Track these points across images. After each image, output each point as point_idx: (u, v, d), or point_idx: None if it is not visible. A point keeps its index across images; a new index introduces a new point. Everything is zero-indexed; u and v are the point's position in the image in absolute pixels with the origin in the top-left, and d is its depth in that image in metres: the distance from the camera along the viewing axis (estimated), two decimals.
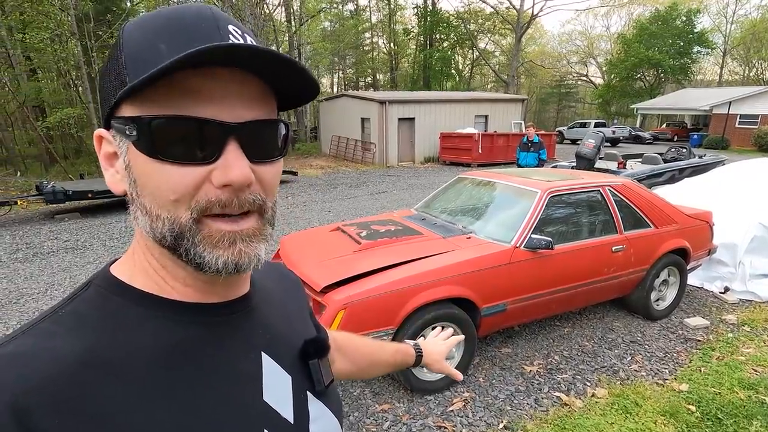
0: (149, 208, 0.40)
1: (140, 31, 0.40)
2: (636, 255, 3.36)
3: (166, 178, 0.39)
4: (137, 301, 0.43)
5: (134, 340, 0.40)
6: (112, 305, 0.42)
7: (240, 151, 0.40)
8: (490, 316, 2.81)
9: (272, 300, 0.55)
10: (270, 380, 0.47)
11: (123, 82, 0.38)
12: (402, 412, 2.57)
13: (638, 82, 37.19)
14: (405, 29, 37.14)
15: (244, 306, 0.49)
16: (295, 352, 0.53)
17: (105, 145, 0.43)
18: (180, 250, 0.41)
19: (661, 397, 2.65)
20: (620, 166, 7.90)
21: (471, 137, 15.40)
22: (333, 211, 8.30)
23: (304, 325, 0.60)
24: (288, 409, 0.48)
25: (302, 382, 0.51)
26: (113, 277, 0.45)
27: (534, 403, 2.66)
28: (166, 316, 0.43)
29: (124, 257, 0.47)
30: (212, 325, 0.45)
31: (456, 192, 3.92)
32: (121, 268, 0.46)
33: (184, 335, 0.43)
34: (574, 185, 3.29)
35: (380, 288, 2.49)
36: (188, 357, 0.42)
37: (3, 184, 11.00)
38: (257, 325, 0.50)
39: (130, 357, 0.39)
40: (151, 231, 0.41)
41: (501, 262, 2.81)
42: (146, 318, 0.42)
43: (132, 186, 0.41)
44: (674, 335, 3.46)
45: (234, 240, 0.41)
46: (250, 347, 0.47)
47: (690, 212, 3.81)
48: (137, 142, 0.39)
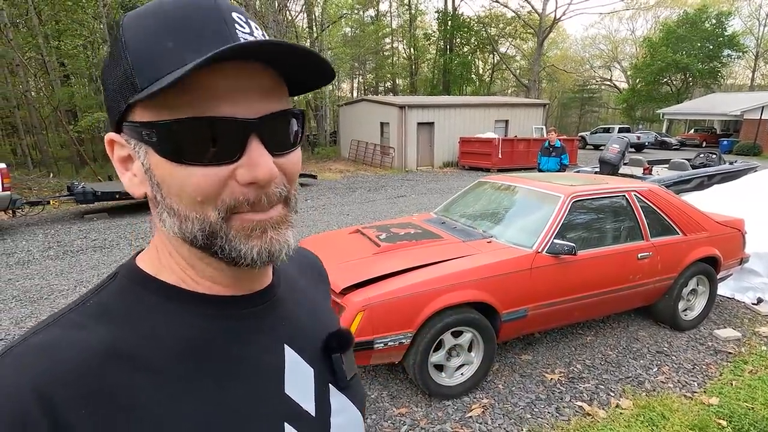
0: (177, 209, 0.40)
1: (142, 27, 0.38)
2: (663, 263, 3.26)
3: (190, 181, 0.38)
4: (163, 293, 0.43)
5: (159, 333, 0.41)
6: (137, 297, 0.42)
7: (262, 147, 0.39)
8: (510, 322, 2.77)
9: (296, 290, 0.55)
10: (292, 373, 0.47)
11: (133, 84, 0.37)
12: (420, 416, 2.55)
13: (665, 87, 36.26)
14: (425, 34, 37.19)
15: (269, 297, 0.49)
16: (318, 345, 0.52)
17: (118, 150, 0.42)
18: (214, 248, 0.41)
19: (690, 410, 2.56)
20: (646, 171, 7.68)
21: (491, 142, 15.27)
22: (351, 214, 8.33)
23: (328, 316, 0.59)
24: (310, 402, 0.48)
25: (325, 375, 0.51)
26: (140, 269, 0.45)
27: (555, 412, 2.60)
28: (191, 309, 0.43)
29: (149, 250, 0.47)
30: (237, 318, 0.45)
31: (476, 196, 3.89)
32: (147, 261, 0.46)
33: (208, 328, 0.43)
34: (599, 190, 3.22)
35: (399, 291, 2.48)
36: (212, 350, 0.42)
37: (37, 185, 11.46)
38: (281, 317, 0.49)
39: (154, 349, 0.40)
40: (181, 232, 0.41)
41: (522, 267, 2.77)
42: (171, 311, 0.42)
43: (156, 189, 0.41)
44: (703, 347, 3.33)
45: (265, 229, 0.41)
46: (274, 340, 0.47)
47: (721, 219, 3.68)
48: (158, 147, 0.38)
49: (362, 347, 2.41)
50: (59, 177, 13.35)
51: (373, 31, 34.06)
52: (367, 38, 33.05)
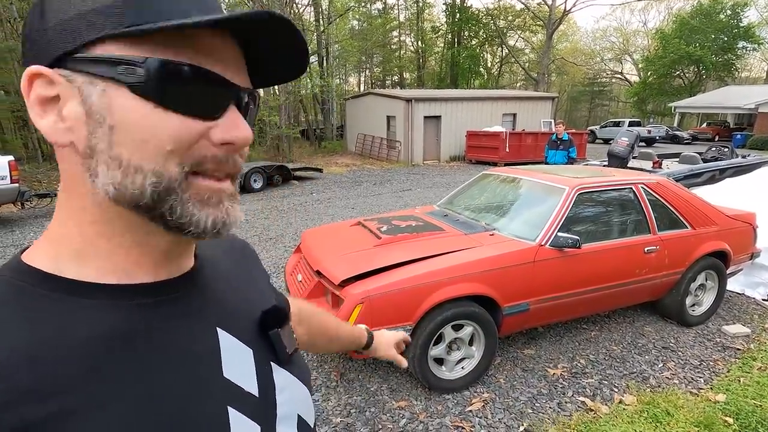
0: (127, 159, 0.36)
1: None
2: (670, 257, 3.19)
3: (166, 125, 0.36)
4: (63, 290, 0.38)
5: (67, 335, 0.35)
6: (29, 299, 0.37)
7: (240, 114, 0.40)
8: (512, 316, 2.73)
9: (222, 272, 0.52)
10: (229, 356, 0.45)
11: (118, 17, 0.34)
12: (419, 410, 2.53)
13: (677, 80, 35.61)
14: (433, 27, 36.86)
15: (192, 282, 0.46)
16: (254, 324, 0.50)
17: (42, 87, 0.36)
18: (163, 208, 0.37)
19: (696, 407, 2.50)
20: (655, 165, 7.55)
21: (498, 136, 15.12)
22: (356, 208, 8.31)
23: (261, 295, 0.57)
24: (252, 383, 0.46)
25: (265, 353, 0.50)
26: (27, 266, 0.39)
27: (557, 407, 2.56)
28: (102, 302, 0.38)
29: (39, 244, 0.41)
30: (156, 305, 0.41)
31: (480, 189, 3.83)
32: (37, 256, 0.40)
33: (125, 321, 0.39)
34: (605, 182, 3.15)
35: (399, 283, 2.45)
36: (134, 343, 0.38)
37: (46, 177, 11.59)
38: (208, 301, 0.47)
39: (64, 354, 0.35)
40: (120, 189, 0.36)
41: (525, 261, 2.72)
42: (78, 308, 0.37)
43: (100, 136, 0.36)
44: (711, 343, 3.26)
45: (221, 199, 0.40)
46: (204, 324, 0.45)
47: (731, 213, 3.59)
48: (138, 85, 0.35)
49: None
50: None
51: (380, 24, 33.83)
52: (375, 31, 32.84)
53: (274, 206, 8.51)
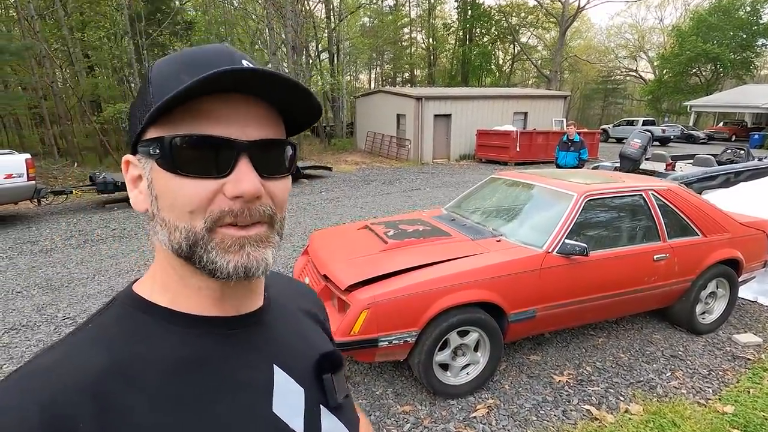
0: (168, 220, 0.44)
1: (167, 66, 0.44)
2: (680, 264, 3.16)
3: (184, 191, 0.42)
4: (156, 315, 0.46)
5: (152, 353, 0.43)
6: (132, 320, 0.46)
7: (250, 166, 0.43)
8: (518, 323, 2.73)
9: (287, 315, 0.57)
10: (281, 392, 0.49)
11: (149, 108, 0.42)
12: (424, 414, 2.55)
13: (693, 78, 34.91)
14: (445, 24, 36.62)
15: (258, 319, 0.51)
16: (309, 367, 0.54)
17: (131, 169, 0.48)
18: (195, 257, 0.44)
19: (703, 418, 2.48)
20: (668, 167, 7.44)
21: (509, 135, 15.03)
22: (365, 207, 8.33)
23: (321, 340, 0.61)
24: (299, 422, 0.49)
25: (316, 395, 0.52)
26: (135, 294, 0.48)
27: (562, 414, 2.56)
28: (183, 329, 0.46)
29: (144, 277, 0.51)
30: (225, 337, 0.48)
31: (488, 192, 3.82)
32: (142, 286, 0.49)
33: (198, 348, 0.45)
34: (615, 188, 3.12)
35: (405, 289, 2.46)
36: (202, 368, 0.45)
37: (62, 174, 11.80)
38: (270, 339, 0.52)
39: (147, 369, 0.42)
40: (169, 242, 0.44)
41: (531, 268, 2.72)
42: (165, 331, 0.45)
43: (153, 203, 0.45)
44: (721, 352, 3.23)
45: (243, 244, 0.44)
46: (262, 359, 0.49)
47: (744, 220, 3.54)
48: (159, 160, 0.43)
49: (366, 345, 2.41)
50: (83, 166, 13.72)
51: (391, 21, 33.70)
52: (386, 28, 32.72)
53: None
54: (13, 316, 3.77)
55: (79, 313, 3.82)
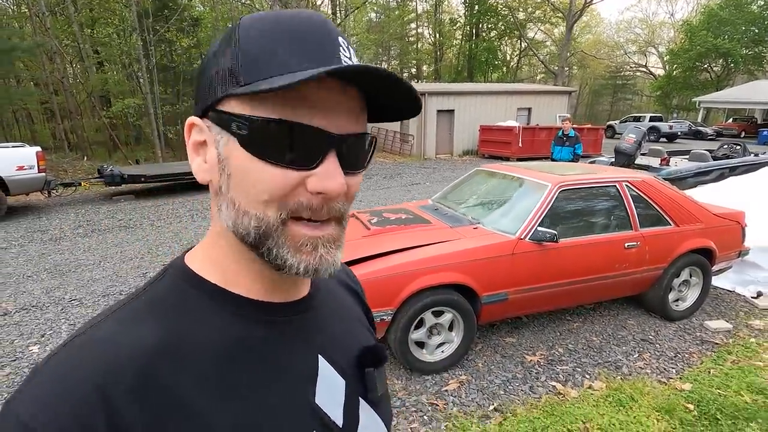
0: (238, 203, 0.41)
1: (258, 32, 0.40)
2: (651, 252, 3.30)
3: (264, 178, 0.39)
4: (207, 293, 0.45)
5: (202, 333, 0.42)
6: (184, 296, 0.44)
7: (337, 162, 0.41)
8: (490, 305, 2.90)
9: (333, 303, 0.56)
10: (324, 383, 0.48)
11: (236, 78, 0.39)
12: (399, 388, 2.74)
13: (704, 74, 34.49)
14: (451, 19, 36.52)
15: (305, 307, 0.50)
16: (352, 358, 0.53)
17: (195, 134, 0.44)
18: (262, 248, 0.42)
19: (661, 394, 2.64)
20: (663, 162, 7.51)
21: (511, 130, 15.09)
22: (364, 201, 8.51)
23: (364, 332, 0.60)
24: (338, 413, 0.48)
25: (356, 388, 0.52)
26: (187, 267, 0.46)
27: (528, 390, 2.73)
28: (232, 310, 0.44)
29: (196, 249, 0.49)
30: (274, 324, 0.46)
31: (472, 184, 3.98)
32: (193, 258, 0.47)
33: (247, 332, 0.44)
34: (588, 180, 3.27)
35: (381, 271, 2.64)
36: (250, 353, 0.43)
37: (72, 167, 12.15)
38: (316, 328, 0.50)
39: (197, 349, 0.41)
40: (234, 226, 0.42)
41: (504, 253, 2.88)
42: (214, 312, 0.44)
43: (223, 179, 0.42)
44: (690, 336, 3.37)
45: (316, 245, 0.42)
46: (308, 349, 0.48)
47: (719, 212, 3.66)
48: (245, 141, 0.39)
49: None
50: (93, 160, 14.08)
51: (397, 16, 33.71)
52: (392, 23, 32.76)
53: None
54: (24, 297, 4.02)
55: (85, 296, 4.06)
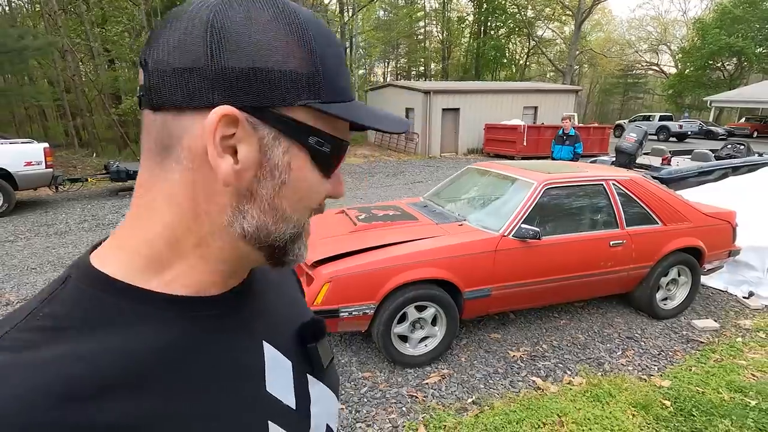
0: (282, 210, 0.40)
1: (324, 39, 0.39)
2: (638, 251, 3.31)
3: (319, 190, 0.42)
4: (132, 298, 0.38)
5: (126, 345, 0.36)
6: (98, 306, 0.37)
7: None
8: (473, 300, 2.95)
9: (269, 281, 0.54)
10: (272, 370, 0.46)
11: (316, 91, 0.38)
12: (381, 380, 2.80)
13: (716, 72, 33.94)
14: (459, 17, 36.38)
15: (245, 294, 0.47)
16: (294, 336, 0.52)
17: (227, 128, 0.36)
18: (291, 247, 0.43)
19: (639, 390, 2.67)
20: (664, 161, 7.45)
21: (516, 129, 15.03)
22: (365, 198, 8.57)
23: (301, 307, 0.59)
24: (290, 396, 0.47)
25: (302, 365, 0.51)
26: (99, 272, 0.39)
27: (509, 384, 2.77)
28: (167, 313, 0.39)
29: (109, 250, 0.41)
30: (212, 318, 0.42)
31: (464, 182, 4.03)
32: (110, 262, 0.39)
33: (186, 333, 0.40)
34: (574, 178, 3.29)
35: (364, 266, 2.71)
36: (192, 356, 0.39)
37: (81, 163, 12.40)
38: (257, 312, 0.48)
39: (124, 363, 0.35)
40: (260, 230, 0.40)
41: (486, 249, 2.92)
42: (139, 317, 0.38)
43: (266, 185, 0.39)
44: (677, 335, 3.38)
45: (308, 236, 0.46)
46: (252, 338, 0.46)
47: (709, 211, 3.65)
48: (320, 156, 0.40)
49: (328, 315, 2.66)
50: (102, 156, 14.32)
51: (405, 14, 33.67)
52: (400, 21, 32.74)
53: None
54: (27, 288, 4.16)
55: None
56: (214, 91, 0.35)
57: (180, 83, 0.35)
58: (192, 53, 0.35)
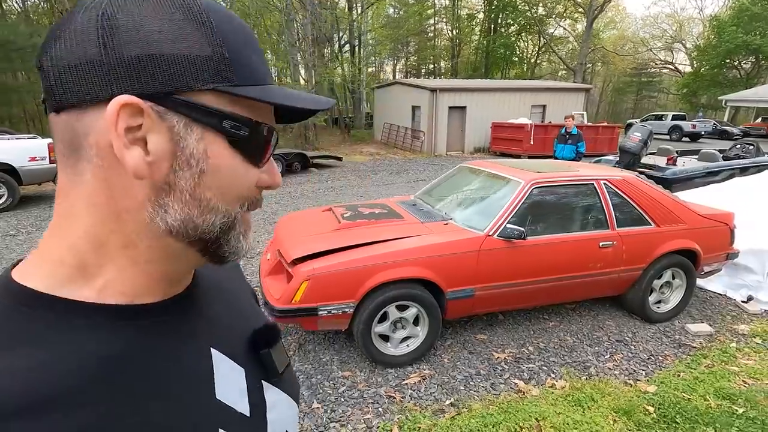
0: (206, 200, 0.39)
1: (231, 25, 0.39)
2: (629, 252, 3.24)
3: (246, 178, 0.41)
4: (59, 311, 0.36)
5: (54, 360, 0.34)
6: (24, 321, 0.35)
7: None
8: (456, 300, 2.90)
9: (217, 288, 0.52)
10: (222, 376, 0.45)
11: (223, 74, 0.37)
12: (360, 380, 2.77)
13: (733, 71, 33.18)
14: (469, 14, 36.11)
15: (189, 300, 0.46)
16: (246, 342, 0.51)
17: (131, 117, 0.34)
18: (223, 240, 0.42)
19: (623, 395, 2.60)
20: (669, 161, 7.29)
21: (523, 128, 14.87)
22: (365, 196, 8.55)
23: (253, 311, 0.57)
24: (243, 403, 0.46)
25: (256, 371, 0.50)
26: (21, 286, 0.37)
27: (490, 387, 2.73)
28: (102, 324, 0.37)
29: (31, 262, 0.39)
30: (155, 326, 0.41)
31: (455, 181, 3.97)
32: (32, 275, 0.37)
33: (122, 343, 0.37)
34: (563, 177, 3.22)
35: (343, 264, 2.68)
36: (132, 367, 0.37)
37: None
38: (204, 319, 0.47)
39: (51, 380, 0.33)
40: (186, 224, 0.38)
41: (470, 249, 2.88)
42: (69, 330, 0.36)
43: (183, 176, 0.37)
44: (669, 339, 3.29)
45: (248, 230, 0.45)
46: (199, 345, 0.44)
47: (706, 212, 3.56)
48: (238, 141, 0.39)
49: (307, 313, 2.65)
50: None
51: (415, 12, 33.51)
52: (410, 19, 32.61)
53: (288, 192, 8.90)
54: None
55: None
56: (112, 83, 0.34)
57: (76, 79, 0.34)
58: (85, 46, 0.34)
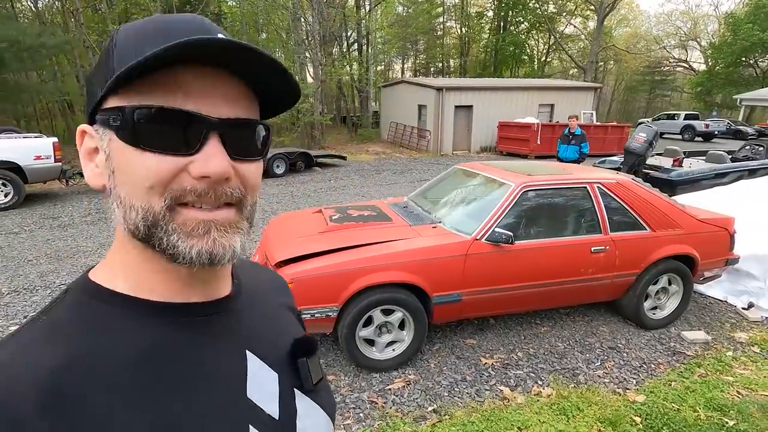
0: (123, 197, 0.41)
1: (133, 33, 0.41)
2: (622, 258, 3.16)
3: (143, 165, 0.39)
4: (115, 303, 0.43)
5: (113, 344, 0.41)
6: (90, 310, 0.42)
7: (220, 146, 0.41)
8: (442, 305, 2.86)
9: (258, 301, 0.56)
10: (255, 378, 0.48)
11: (110, 74, 0.39)
12: (344, 384, 2.75)
13: (748, 69, 32.44)
14: (479, 12, 35.82)
15: (227, 306, 0.50)
16: (283, 352, 0.54)
17: (87, 141, 0.44)
18: (154, 239, 0.41)
19: (610, 405, 2.54)
20: (675, 163, 7.15)
21: (530, 127, 14.73)
22: (367, 196, 8.53)
23: (293, 325, 0.61)
24: (273, 405, 0.49)
25: (291, 379, 0.52)
26: (91, 282, 0.45)
27: (474, 393, 2.69)
28: (146, 317, 0.43)
29: (101, 263, 0.48)
30: (193, 324, 0.45)
31: (448, 183, 3.93)
32: (99, 273, 0.46)
33: (164, 336, 0.43)
34: (555, 180, 3.16)
35: (327, 267, 2.66)
36: (169, 358, 0.42)
37: None
38: (242, 325, 0.50)
39: (109, 361, 0.39)
40: (125, 222, 0.41)
41: (457, 253, 2.83)
42: (125, 320, 0.42)
43: (110, 178, 0.42)
44: (663, 347, 3.22)
45: (209, 229, 0.41)
46: (235, 346, 0.48)
47: (704, 217, 3.46)
48: (120, 131, 0.40)
49: None
50: None
51: (424, 10, 33.34)
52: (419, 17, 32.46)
53: (290, 191, 8.91)
54: (19, 280, 4.27)
55: None
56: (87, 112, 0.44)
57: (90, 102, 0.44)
58: None
